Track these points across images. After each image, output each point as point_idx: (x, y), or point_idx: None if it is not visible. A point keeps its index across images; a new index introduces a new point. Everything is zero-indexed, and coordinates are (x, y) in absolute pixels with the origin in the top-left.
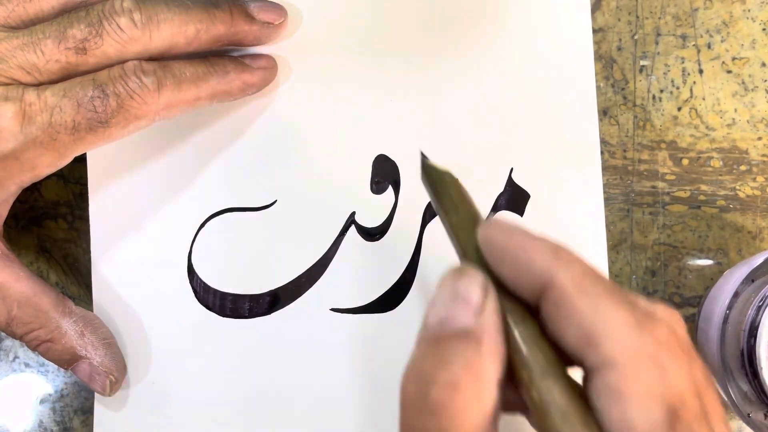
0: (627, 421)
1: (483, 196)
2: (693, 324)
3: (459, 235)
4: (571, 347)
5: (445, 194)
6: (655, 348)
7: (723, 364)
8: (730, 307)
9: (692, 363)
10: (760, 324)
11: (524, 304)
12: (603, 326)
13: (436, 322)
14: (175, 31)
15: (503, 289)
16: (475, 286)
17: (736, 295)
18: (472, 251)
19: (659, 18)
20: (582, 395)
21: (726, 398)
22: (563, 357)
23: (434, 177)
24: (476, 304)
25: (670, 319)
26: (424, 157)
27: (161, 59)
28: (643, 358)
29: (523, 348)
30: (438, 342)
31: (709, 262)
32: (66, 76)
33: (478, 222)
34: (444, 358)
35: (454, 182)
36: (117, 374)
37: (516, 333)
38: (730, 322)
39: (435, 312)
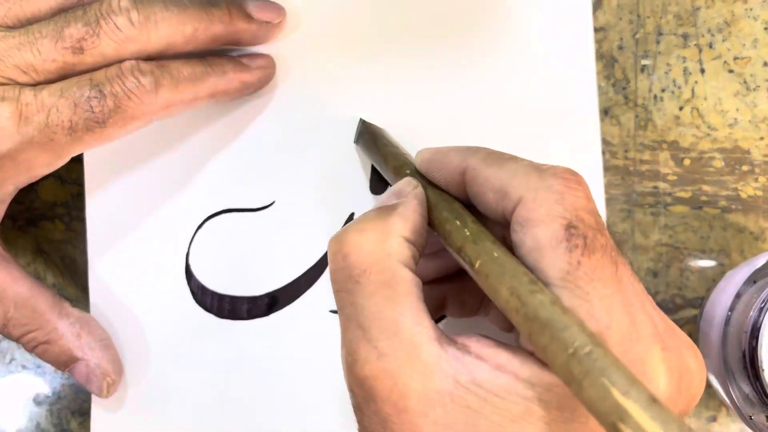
0: (536, 241)
1: None
2: (695, 325)
3: (401, 175)
4: (493, 211)
5: (384, 145)
6: (553, 181)
7: (725, 366)
8: (731, 308)
9: (587, 192)
10: (762, 325)
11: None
12: (510, 178)
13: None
14: (173, 30)
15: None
16: (405, 184)
17: (737, 296)
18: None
19: (661, 17)
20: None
21: (728, 400)
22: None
23: (374, 132)
24: (403, 191)
25: (570, 171)
26: (364, 121)
27: (159, 59)
28: (543, 190)
29: (448, 217)
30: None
31: (711, 263)
32: (63, 75)
33: (411, 158)
34: (360, 224)
35: (386, 135)
36: (114, 376)
37: (443, 209)
38: (732, 324)
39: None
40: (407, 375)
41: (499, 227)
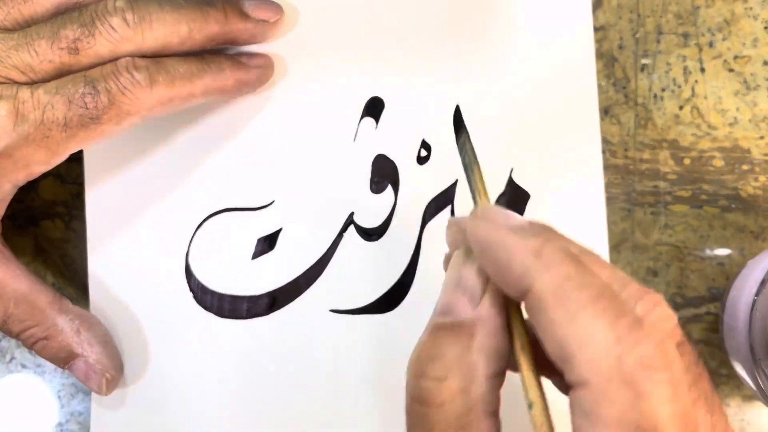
0: None
1: None
2: (695, 325)
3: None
4: (550, 354)
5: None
6: (634, 370)
7: (751, 353)
8: (758, 293)
9: (683, 379)
10: None
11: None
12: (578, 343)
13: (439, 309)
14: (168, 30)
15: None
16: (474, 274)
17: (763, 282)
18: None
19: (661, 16)
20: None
21: (754, 386)
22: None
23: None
24: (474, 293)
25: (663, 327)
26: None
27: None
28: (618, 382)
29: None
30: (437, 332)
31: (711, 262)
32: (60, 75)
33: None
34: (437, 351)
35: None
36: (113, 372)
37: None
38: (758, 308)
39: (441, 297)
40: None
41: None
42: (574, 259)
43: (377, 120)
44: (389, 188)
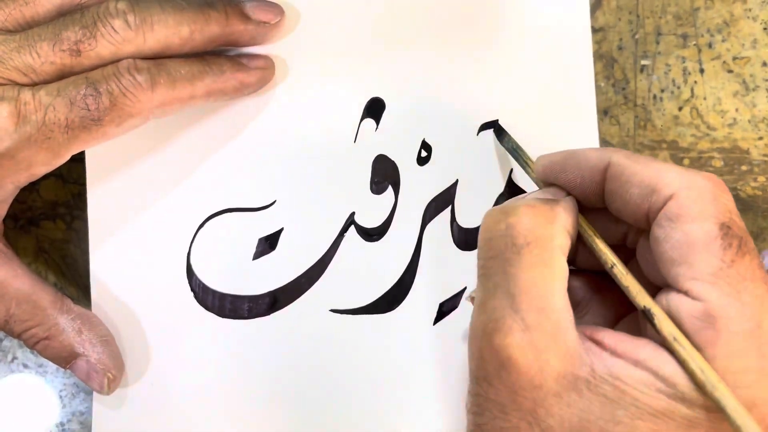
0: (687, 237)
1: (483, 196)
2: None
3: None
4: (633, 207)
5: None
6: (705, 181)
7: None
8: None
9: (734, 202)
10: None
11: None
12: (659, 174)
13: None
14: (169, 32)
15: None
16: (557, 189)
17: None
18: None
19: (660, 17)
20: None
21: None
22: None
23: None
24: (558, 194)
25: (717, 177)
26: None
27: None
28: (696, 188)
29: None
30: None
31: None
32: (61, 77)
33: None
34: (526, 196)
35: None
36: (115, 372)
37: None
38: None
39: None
40: (551, 352)
41: (623, 228)
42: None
43: (378, 121)
44: (390, 189)
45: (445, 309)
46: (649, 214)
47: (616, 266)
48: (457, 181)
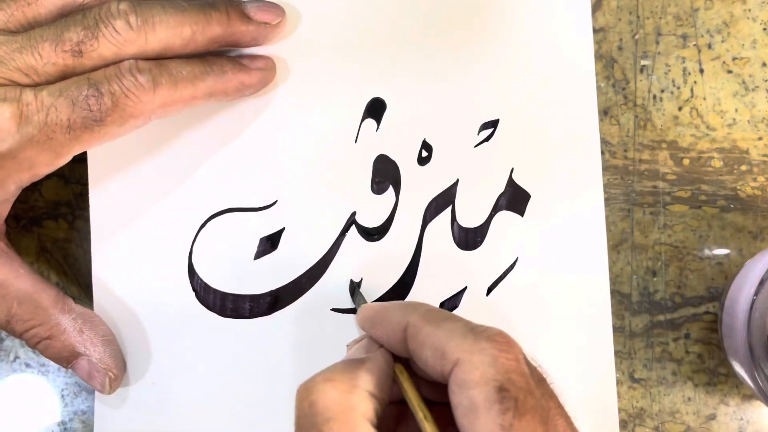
0: (472, 403)
1: (483, 196)
2: (695, 324)
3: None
4: (431, 368)
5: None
6: (487, 344)
7: (750, 352)
8: (756, 293)
9: (519, 356)
10: None
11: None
12: (447, 338)
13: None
14: (171, 32)
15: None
16: (366, 341)
17: (761, 282)
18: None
19: (660, 18)
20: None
21: (753, 386)
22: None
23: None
24: (372, 348)
25: (502, 334)
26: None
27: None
28: (477, 353)
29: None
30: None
31: (710, 262)
32: (63, 78)
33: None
34: (330, 368)
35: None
36: (116, 371)
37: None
38: (756, 308)
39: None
40: None
41: (438, 386)
42: (426, 306)
43: (378, 121)
44: (390, 188)
45: (446, 308)
46: (443, 377)
47: (424, 422)
48: (457, 180)
